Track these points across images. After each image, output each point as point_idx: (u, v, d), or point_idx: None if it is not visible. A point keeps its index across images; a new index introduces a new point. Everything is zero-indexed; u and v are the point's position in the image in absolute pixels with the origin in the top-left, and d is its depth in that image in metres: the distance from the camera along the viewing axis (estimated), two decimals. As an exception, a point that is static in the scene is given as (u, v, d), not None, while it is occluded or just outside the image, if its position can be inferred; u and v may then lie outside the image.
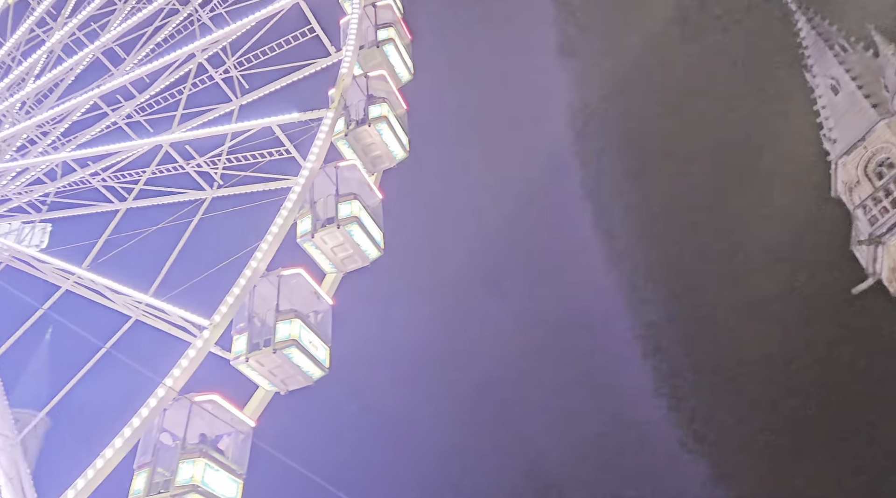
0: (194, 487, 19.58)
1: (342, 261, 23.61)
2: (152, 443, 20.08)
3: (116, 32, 34.78)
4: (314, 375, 22.24)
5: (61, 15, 40.75)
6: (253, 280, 21.33)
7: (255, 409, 21.99)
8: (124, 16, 36.77)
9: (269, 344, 20.98)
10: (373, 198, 23.98)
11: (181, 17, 33.96)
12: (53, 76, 35.31)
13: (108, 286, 23.86)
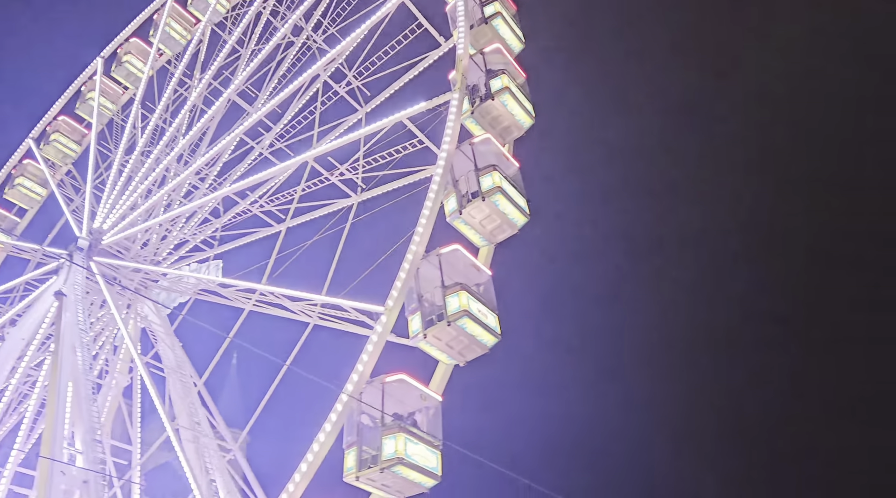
0: (400, 460, 20.95)
1: (491, 232, 24.28)
2: (355, 425, 21.70)
3: (245, 75, 37.93)
4: (488, 342, 23.06)
5: (195, 73, 45.04)
6: (415, 263, 22.46)
7: (439, 383, 23.14)
8: (248, 59, 40.03)
9: (442, 318, 22.02)
10: (510, 167, 24.53)
11: (298, 46, 36.36)
12: (200, 126, 39.12)
13: (287, 294, 25.94)
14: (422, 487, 22.01)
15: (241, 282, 28.39)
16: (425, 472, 21.67)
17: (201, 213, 36.46)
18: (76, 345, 34.92)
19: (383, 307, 22.16)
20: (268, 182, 32.59)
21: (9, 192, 52.60)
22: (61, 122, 53.23)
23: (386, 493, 21.75)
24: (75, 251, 38.07)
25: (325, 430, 21.04)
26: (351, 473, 21.09)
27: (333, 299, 24.70)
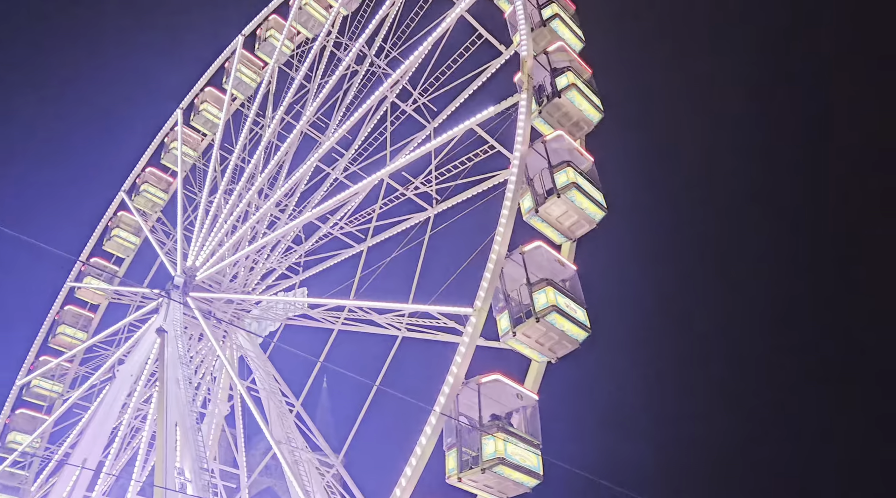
0: (501, 460, 20.93)
1: (570, 228, 24.22)
2: (453, 427, 21.85)
3: (314, 107, 39.50)
4: (579, 337, 22.89)
5: (267, 112, 47.17)
6: (499, 263, 22.64)
7: (534, 382, 23.09)
8: (316, 91, 41.69)
9: (530, 315, 22.04)
10: (584, 162, 24.50)
11: (363, 73, 37.63)
12: (277, 160, 40.87)
13: (375, 308, 26.54)
14: (524, 487, 21.89)
15: (330, 300, 29.22)
16: (527, 471, 21.57)
17: (284, 242, 37.90)
18: (179, 378, 36.69)
19: (472, 309, 22.36)
20: (346, 205, 33.60)
21: (107, 243, 56.01)
22: (149, 174, 56.53)
23: (489, 493, 21.74)
24: (172, 289, 40.24)
25: (425, 433, 21.28)
26: (453, 474, 21.22)
27: (421, 307, 25.12)
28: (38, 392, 53.52)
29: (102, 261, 56.91)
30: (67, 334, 54.93)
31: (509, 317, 22.40)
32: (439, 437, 22.00)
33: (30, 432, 51.10)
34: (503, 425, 21.44)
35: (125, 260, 57.53)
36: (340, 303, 28.83)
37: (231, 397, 39.93)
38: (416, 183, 31.27)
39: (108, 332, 48.01)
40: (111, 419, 39.84)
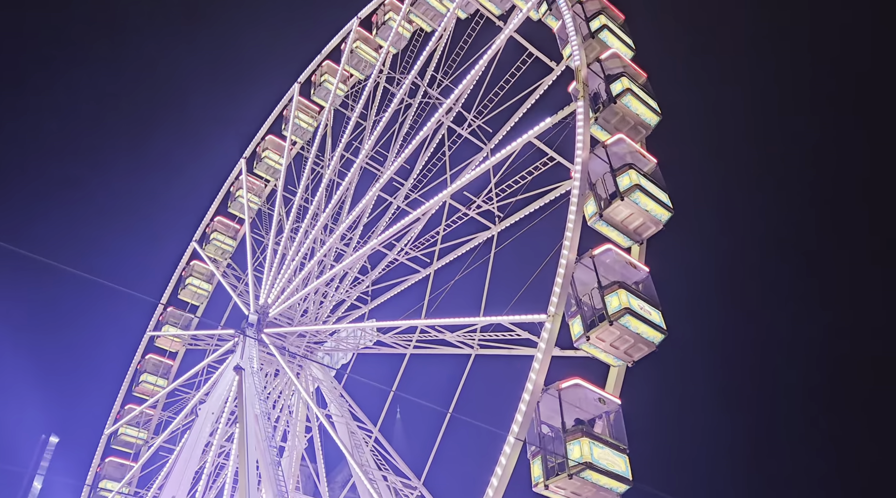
0: (588, 465, 20.61)
1: (636, 231, 24.08)
2: (536, 435, 21.69)
3: (372, 140, 40.73)
4: (655, 339, 22.54)
5: (326, 153, 48.83)
6: (569, 268, 22.66)
7: (615, 386, 22.78)
8: (372, 126, 43.06)
9: (603, 318, 21.89)
10: (647, 163, 24.43)
11: (416, 103, 38.72)
12: (339, 196, 42.13)
13: (446, 325, 26.80)
14: (613, 494, 21.45)
15: (402, 322, 29.65)
16: (615, 476, 21.16)
17: (352, 273, 38.81)
18: (257, 414, 37.61)
19: (545, 315, 22.37)
20: (410, 231, 34.29)
21: (182, 292, 58.18)
22: (217, 223, 58.81)
23: (578, 501, 21.39)
24: (247, 327, 41.59)
25: (508, 442, 21.18)
26: (539, 482, 21.00)
27: (494, 318, 25.23)
28: (125, 440, 55.36)
29: (177, 310, 58.98)
30: (149, 382, 56.90)
31: (582, 321, 22.29)
32: (523, 447, 21.87)
33: (119, 479, 52.82)
34: (588, 430, 21.17)
35: (199, 307, 59.53)
36: (412, 323, 29.21)
37: (308, 430, 40.61)
38: (478, 201, 31.72)
39: (188, 375, 49.71)
40: (195, 458, 40.99)
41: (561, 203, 27.79)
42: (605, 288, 22.14)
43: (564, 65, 28.98)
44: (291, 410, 41.74)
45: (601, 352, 22.57)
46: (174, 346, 58.46)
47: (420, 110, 38.64)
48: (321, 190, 44.64)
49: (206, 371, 48.35)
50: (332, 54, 52.62)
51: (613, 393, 22.46)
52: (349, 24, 49.89)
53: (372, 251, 36.20)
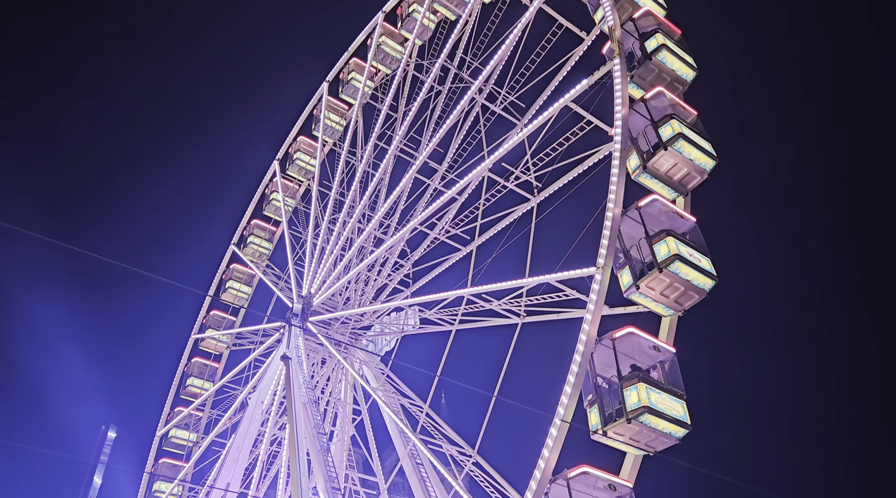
0: (646, 409, 20.69)
1: (681, 182, 24.13)
2: (591, 385, 21.81)
3: (405, 126, 41.29)
4: (705, 286, 22.57)
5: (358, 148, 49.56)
6: (616, 222, 22.82)
7: (668, 335, 22.85)
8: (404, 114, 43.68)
9: (653, 266, 22.00)
10: (689, 115, 24.45)
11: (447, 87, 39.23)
12: (375, 183, 42.74)
13: (492, 291, 27.07)
14: (672, 438, 21.47)
15: (447, 293, 30.00)
16: (674, 420, 21.21)
17: (392, 258, 39.35)
18: (305, 402, 38.22)
19: (595, 268, 22.54)
20: (449, 209, 34.67)
21: (222, 294, 59.18)
22: (254, 225, 59.82)
23: (636, 447, 21.46)
24: (292, 317, 42.35)
25: (565, 392, 21.35)
26: (597, 429, 21.11)
27: (541, 278, 25.42)
28: (176, 442, 56.38)
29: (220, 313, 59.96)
30: (196, 385, 57.87)
31: (631, 271, 22.41)
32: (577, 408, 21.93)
33: (172, 479, 53.85)
34: (644, 375, 21.28)
35: (241, 309, 60.47)
36: (458, 293, 29.50)
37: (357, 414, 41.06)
38: (516, 173, 32.00)
39: (235, 371, 50.63)
40: (247, 447, 41.72)
41: (600, 168, 27.92)
42: (653, 237, 22.25)
43: (597, 30, 29.20)
44: (339, 397, 42.28)
45: (651, 301, 22.64)
46: (219, 348, 59.44)
47: (451, 95, 39.11)
48: (356, 181, 45.29)
49: (253, 366, 49.24)
50: (359, 51, 53.39)
51: (668, 342, 22.52)
52: (374, 20, 50.62)
53: (412, 233, 36.68)
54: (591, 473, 21.05)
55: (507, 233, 32.18)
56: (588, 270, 22.85)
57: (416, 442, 29.30)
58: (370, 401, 40.67)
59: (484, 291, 28.13)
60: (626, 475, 21.81)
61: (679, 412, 21.29)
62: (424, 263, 38.53)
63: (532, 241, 28.78)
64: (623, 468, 21.91)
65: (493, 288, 27.44)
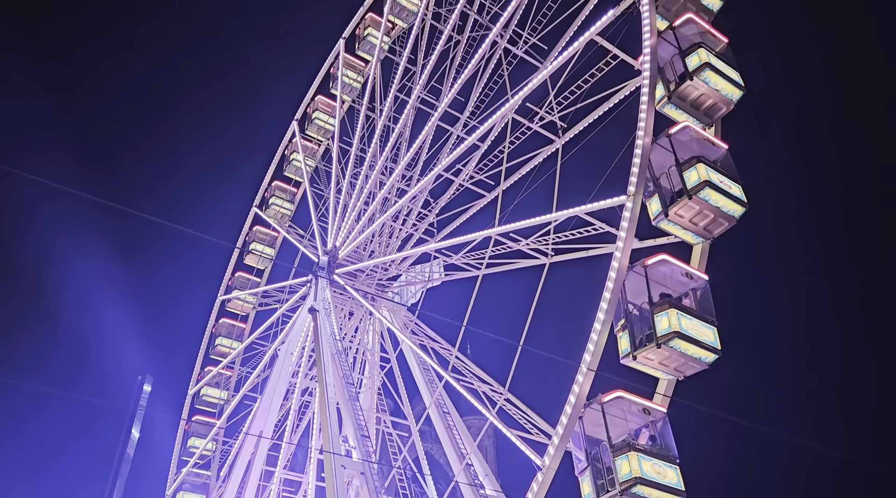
0: (676, 334, 20.92)
1: (706, 112, 23.80)
2: (622, 312, 22.01)
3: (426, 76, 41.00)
4: (735, 212, 22.53)
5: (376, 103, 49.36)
6: (646, 150, 22.74)
7: (699, 263, 22.92)
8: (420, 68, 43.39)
9: (682, 193, 21.96)
10: (718, 43, 24.04)
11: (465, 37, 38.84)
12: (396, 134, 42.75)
13: (520, 228, 27.14)
14: (702, 363, 21.70)
15: (475, 234, 30.11)
16: (704, 345, 21.43)
17: (416, 208, 39.55)
18: (333, 353, 38.89)
19: (625, 196, 22.56)
20: (473, 154, 34.64)
21: (246, 257, 59.75)
22: (275, 187, 60.06)
23: (665, 372, 21.72)
24: (318, 270, 42.89)
25: (598, 319, 21.55)
26: (627, 354, 21.38)
27: (570, 211, 25.44)
28: (207, 400, 57.63)
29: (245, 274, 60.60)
30: (224, 345, 58.83)
31: (660, 199, 22.40)
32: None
33: (205, 435, 55.24)
34: (675, 301, 21.44)
35: (265, 271, 61.06)
36: (485, 234, 29.59)
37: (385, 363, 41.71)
38: (541, 113, 31.80)
39: (263, 327, 51.53)
40: (279, 397, 42.73)
41: (626, 104, 27.67)
42: (683, 164, 22.19)
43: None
44: (367, 346, 42.95)
45: (680, 229, 22.66)
46: (245, 308, 60.27)
47: (471, 42, 38.72)
48: (377, 135, 45.24)
49: (280, 322, 50.01)
50: (375, 5, 52.80)
51: (699, 269, 22.59)
52: (389, -28, 49.90)
53: (437, 181, 36.72)
54: (626, 397, 21.35)
55: (532, 175, 32.09)
56: (618, 199, 22.89)
57: (448, 379, 29.79)
58: (398, 350, 41.24)
59: (511, 230, 28.21)
60: (660, 401, 22.12)
61: (709, 338, 21.49)
62: (449, 211, 38.60)
63: (558, 182, 28.72)
64: (656, 395, 22.21)
65: (521, 225, 27.53)
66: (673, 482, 20.66)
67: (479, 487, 33.49)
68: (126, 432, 40.38)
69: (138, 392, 38.13)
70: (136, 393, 38.20)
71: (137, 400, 38.18)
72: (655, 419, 21.57)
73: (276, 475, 42.26)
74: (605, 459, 20.80)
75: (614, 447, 20.63)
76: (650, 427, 21.68)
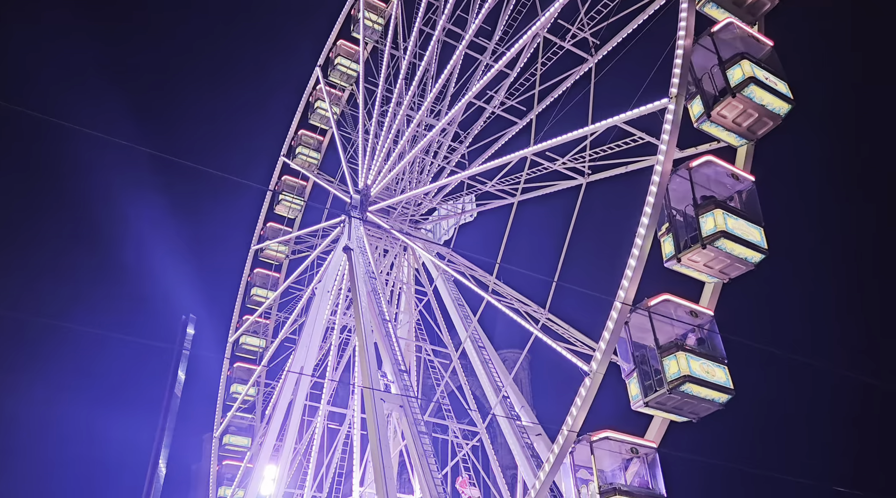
0: (722, 234, 20.70)
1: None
2: (665, 216, 21.81)
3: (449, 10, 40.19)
4: (781, 110, 22.07)
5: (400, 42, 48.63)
6: (688, 51, 22.18)
7: (744, 166, 22.55)
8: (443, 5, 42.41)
9: (725, 93, 21.48)
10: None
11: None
12: (423, 69, 42.24)
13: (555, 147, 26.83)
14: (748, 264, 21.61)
15: (510, 156, 29.85)
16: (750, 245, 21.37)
17: (446, 141, 39.29)
18: (369, 291, 39.29)
19: (666, 99, 22.12)
20: (503, 83, 34.15)
21: (276, 207, 60.05)
22: (301, 136, 59.90)
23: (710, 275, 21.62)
24: (350, 209, 43.09)
25: (642, 224, 21.39)
26: (672, 256, 21.38)
27: (609, 121, 25.04)
28: (247, 348, 58.84)
29: (276, 225, 61.01)
30: (260, 295, 59.68)
31: (702, 100, 21.93)
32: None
33: (247, 382, 56.58)
34: (720, 202, 21.18)
35: (295, 220, 61.39)
36: (521, 154, 29.27)
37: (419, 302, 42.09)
38: (573, 30, 31.03)
39: (298, 271, 52.19)
40: (318, 333, 43.53)
41: (661, 14, 26.88)
42: (727, 62, 21.62)
43: None
44: (403, 282, 43.33)
45: (723, 131, 22.22)
46: (278, 257, 60.90)
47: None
48: (402, 72, 44.72)
49: (315, 265, 50.55)
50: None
51: (745, 170, 22.24)
52: None
53: (467, 112, 36.24)
54: (673, 300, 21.32)
55: (564, 97, 31.49)
56: (660, 103, 22.47)
57: (489, 299, 29.98)
58: (433, 285, 41.44)
59: (547, 148, 27.87)
60: (707, 303, 22.06)
61: (756, 237, 21.26)
62: (481, 141, 38.24)
63: (593, 95, 28.03)
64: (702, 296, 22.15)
65: (558, 142, 27.15)
66: (722, 381, 20.73)
67: (515, 419, 33.98)
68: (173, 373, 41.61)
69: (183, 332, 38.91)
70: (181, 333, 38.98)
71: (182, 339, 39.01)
72: (702, 322, 21.53)
73: (320, 409, 43.30)
74: (653, 361, 20.87)
75: (662, 349, 20.68)
76: (697, 330, 21.66)
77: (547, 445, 31.02)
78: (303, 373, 41.29)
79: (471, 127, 38.53)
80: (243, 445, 54.57)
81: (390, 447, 35.80)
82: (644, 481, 20.63)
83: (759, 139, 22.39)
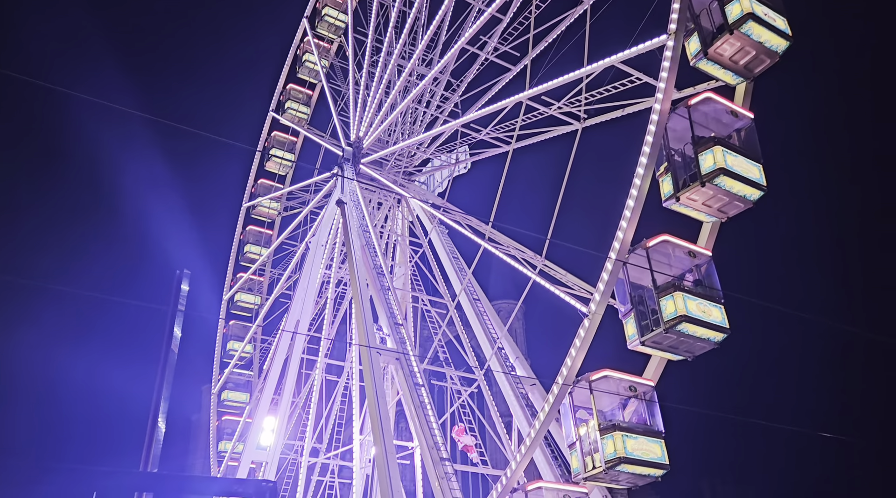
0: (721, 170, 20.61)
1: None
2: (664, 156, 21.67)
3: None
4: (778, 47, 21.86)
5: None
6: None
7: (743, 100, 22.33)
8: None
9: (723, 30, 21.20)
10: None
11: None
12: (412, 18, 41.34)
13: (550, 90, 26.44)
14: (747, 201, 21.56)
15: (505, 102, 29.43)
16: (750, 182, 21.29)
17: (439, 90, 38.72)
18: (363, 245, 39.12)
19: (665, 35, 21.73)
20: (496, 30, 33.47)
21: (266, 163, 59.23)
22: (290, 90, 58.72)
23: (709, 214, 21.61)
24: (343, 162, 42.65)
25: (642, 164, 21.23)
26: (670, 196, 21.28)
27: (606, 61, 24.63)
28: (242, 305, 58.76)
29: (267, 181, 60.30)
30: (253, 252, 59.33)
31: (700, 37, 21.59)
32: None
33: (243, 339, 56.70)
34: (721, 138, 21.02)
35: (286, 176, 60.69)
36: (516, 99, 28.85)
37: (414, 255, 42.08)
38: None
39: (291, 227, 51.93)
40: (313, 287, 43.50)
41: None
42: (725, 0, 21.19)
43: None
44: (398, 234, 43.22)
45: (719, 68, 21.94)
46: (270, 214, 60.40)
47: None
48: (392, 20, 43.77)
49: (308, 221, 50.26)
50: None
51: (745, 107, 22.03)
52: None
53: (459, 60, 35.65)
54: (671, 241, 21.34)
55: (559, 41, 30.88)
56: (659, 40, 22.10)
57: (485, 246, 29.94)
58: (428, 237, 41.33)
59: (543, 92, 27.48)
60: (704, 243, 22.08)
61: (755, 174, 21.20)
62: (474, 89, 37.66)
63: (588, 36, 27.45)
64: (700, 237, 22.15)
65: (553, 85, 26.74)
66: (718, 320, 20.91)
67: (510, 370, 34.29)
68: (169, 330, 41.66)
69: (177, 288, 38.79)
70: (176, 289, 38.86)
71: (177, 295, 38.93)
72: (700, 262, 21.58)
73: (318, 363, 43.58)
74: (650, 301, 20.98)
75: (659, 289, 20.75)
76: (694, 271, 21.73)
77: (542, 395, 31.39)
78: (298, 331, 41.36)
79: (464, 75, 37.95)
80: (242, 401, 54.99)
81: (387, 398, 36.21)
82: (642, 418, 20.94)
83: (755, 77, 22.11)
